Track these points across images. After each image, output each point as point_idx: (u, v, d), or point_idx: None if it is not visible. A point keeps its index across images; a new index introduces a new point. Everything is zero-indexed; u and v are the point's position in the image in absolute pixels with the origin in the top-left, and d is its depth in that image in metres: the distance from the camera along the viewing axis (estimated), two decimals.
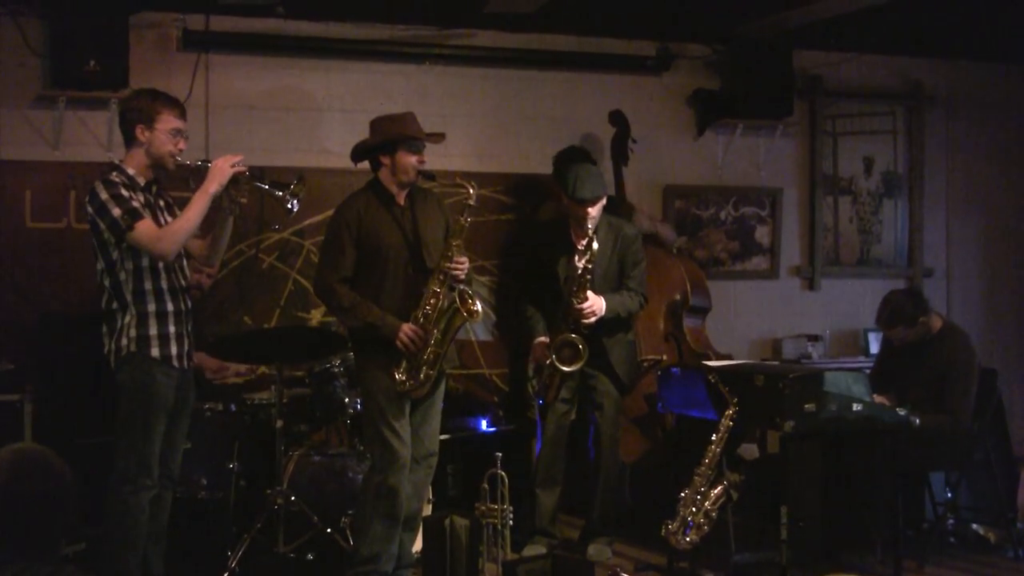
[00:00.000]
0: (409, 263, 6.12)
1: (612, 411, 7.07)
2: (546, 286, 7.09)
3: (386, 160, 6.15)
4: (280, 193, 5.74)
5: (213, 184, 5.59)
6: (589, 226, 6.80)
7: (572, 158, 8.00)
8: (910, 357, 7.26)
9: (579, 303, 6.78)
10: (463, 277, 6.15)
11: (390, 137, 6.15)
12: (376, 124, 6.27)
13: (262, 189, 5.84)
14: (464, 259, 6.15)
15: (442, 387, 6.35)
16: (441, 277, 6.08)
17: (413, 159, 6.14)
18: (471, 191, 6.21)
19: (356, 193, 6.26)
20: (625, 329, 7.15)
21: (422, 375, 6.04)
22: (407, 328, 5.99)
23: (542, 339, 7.04)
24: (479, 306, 6.13)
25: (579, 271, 6.78)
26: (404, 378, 6.01)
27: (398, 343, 5.97)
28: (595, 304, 6.83)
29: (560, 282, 6.98)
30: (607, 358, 7.04)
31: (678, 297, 8.02)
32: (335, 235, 6.12)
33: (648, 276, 7.52)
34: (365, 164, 6.29)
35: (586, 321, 6.83)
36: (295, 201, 5.73)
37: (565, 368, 6.88)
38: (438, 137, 6.29)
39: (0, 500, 3.13)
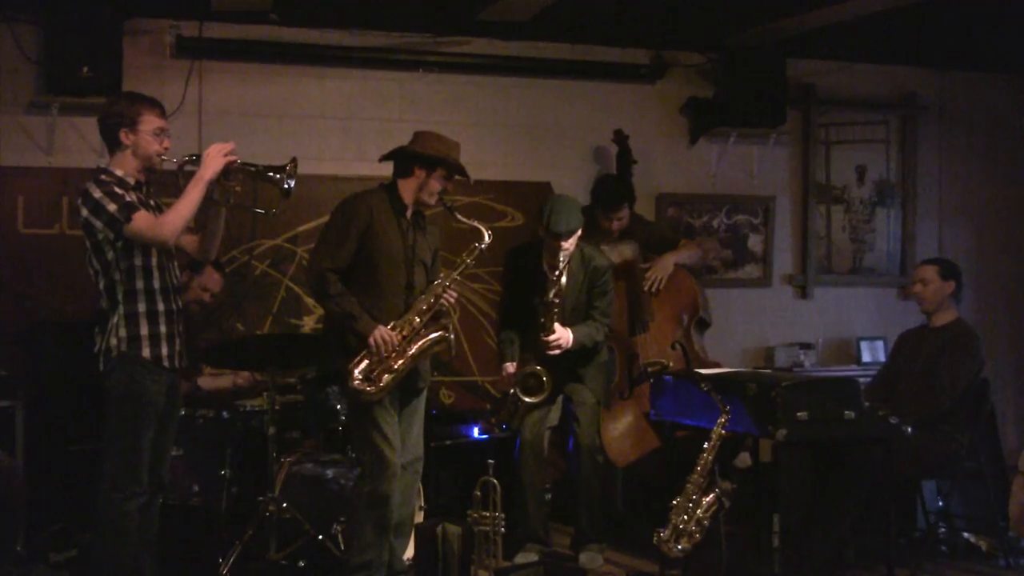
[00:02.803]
0: (402, 277, 6.12)
1: (588, 421, 7.07)
2: (521, 309, 7.08)
3: (420, 173, 6.12)
4: (277, 175, 5.73)
5: (208, 171, 5.57)
6: (561, 258, 6.81)
7: (605, 182, 8.18)
8: (916, 353, 7.30)
9: (546, 335, 6.81)
10: (447, 308, 6.21)
11: (441, 156, 6.13)
12: (425, 137, 6.24)
13: (256, 174, 5.82)
14: (456, 294, 6.21)
15: (425, 391, 6.38)
16: (432, 300, 6.11)
17: (441, 186, 6.15)
18: (486, 237, 6.26)
19: (369, 192, 6.20)
20: (596, 351, 7.17)
21: (382, 382, 6.02)
22: (384, 330, 5.97)
23: (508, 365, 7.05)
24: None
25: (547, 303, 6.81)
26: (360, 379, 6.00)
27: (371, 340, 5.94)
28: (562, 337, 6.84)
29: (533, 306, 6.99)
30: (581, 377, 7.08)
31: (690, 308, 8.02)
32: (342, 224, 6.06)
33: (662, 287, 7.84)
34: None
35: (551, 352, 6.86)
36: (291, 181, 5.71)
37: (527, 399, 6.90)
38: (469, 178, 6.32)
39: None
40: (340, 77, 8.46)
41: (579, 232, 6.92)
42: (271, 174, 5.75)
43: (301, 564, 6.58)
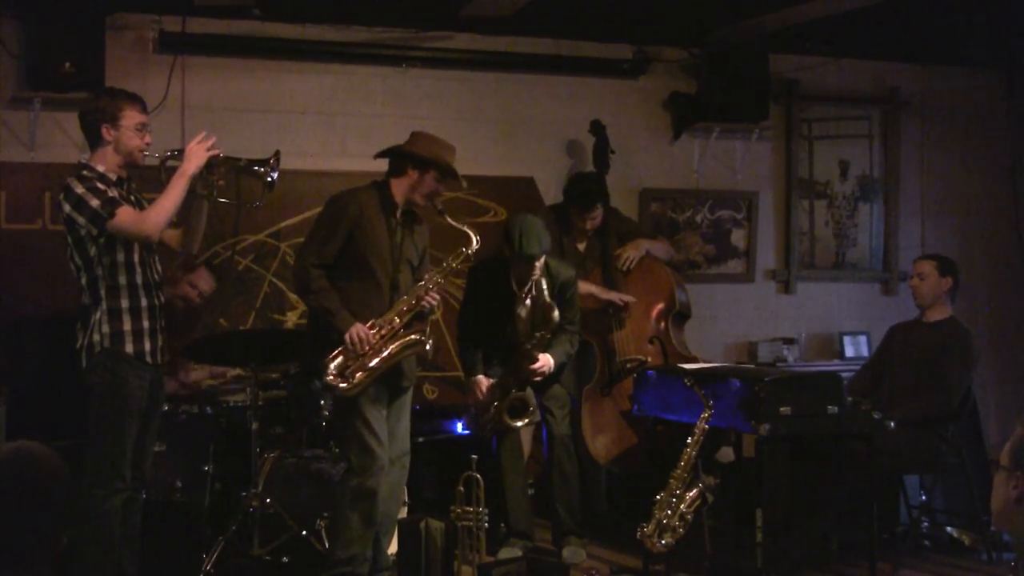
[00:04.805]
0: (388, 276, 6.12)
1: (561, 414, 7.13)
2: (485, 325, 7.07)
3: (413, 174, 6.14)
4: (260, 168, 5.75)
5: (191, 165, 5.58)
6: (533, 277, 6.83)
7: (578, 181, 8.13)
8: (908, 346, 7.32)
9: (530, 364, 6.86)
10: (428, 310, 6.27)
11: (436, 158, 6.15)
12: (421, 138, 6.27)
13: (240, 167, 5.83)
14: (438, 296, 6.25)
15: (411, 389, 6.41)
16: (413, 301, 6.13)
17: (434, 186, 6.18)
18: (474, 242, 6.30)
19: (360, 188, 6.22)
20: None
21: (355, 379, 6.01)
22: (361, 328, 5.98)
23: (481, 379, 7.05)
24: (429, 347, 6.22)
25: (539, 335, 6.90)
26: (335, 374, 6.00)
27: (347, 337, 5.95)
28: (545, 364, 6.92)
29: (501, 323, 7.01)
30: (554, 373, 7.12)
31: (666, 302, 8.01)
32: (331, 220, 6.08)
33: (637, 279, 7.85)
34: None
35: (536, 379, 6.95)
36: (274, 174, 5.73)
37: (516, 423, 6.92)
38: (461, 182, 6.33)
39: None
40: (323, 72, 8.45)
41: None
42: (255, 167, 5.77)
43: (285, 560, 6.58)
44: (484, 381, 7.03)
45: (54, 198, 7.11)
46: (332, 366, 5.99)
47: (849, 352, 9.45)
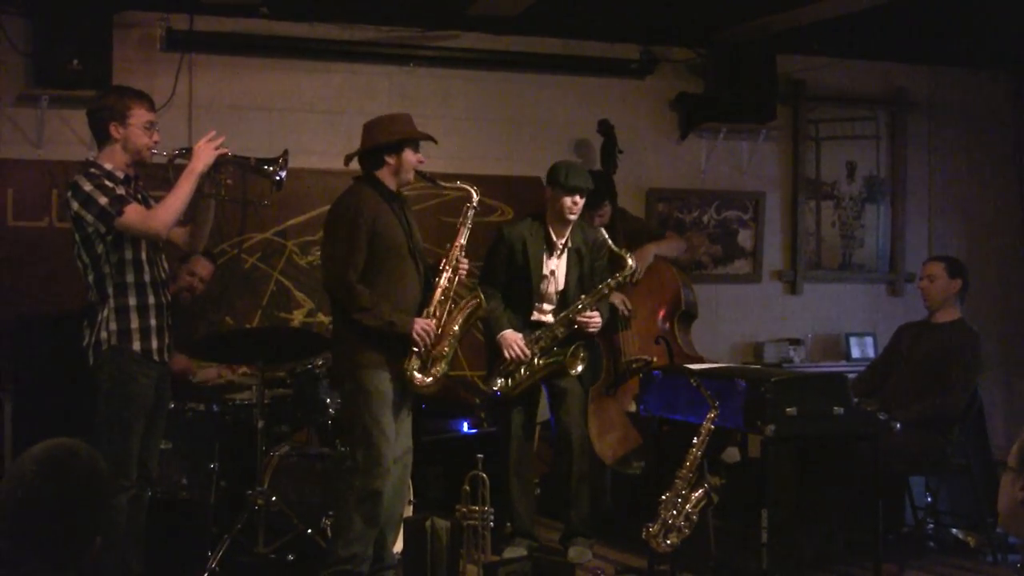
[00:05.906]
0: (411, 267, 6.13)
1: (576, 409, 7.07)
2: (515, 280, 7.05)
3: (391, 159, 6.14)
4: (269, 167, 5.75)
5: (199, 163, 5.57)
6: (572, 217, 6.87)
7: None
8: (916, 347, 7.32)
9: (591, 316, 6.90)
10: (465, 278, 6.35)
11: (403, 136, 6.17)
12: (377, 126, 6.24)
13: (248, 166, 5.83)
14: (467, 263, 6.30)
15: None
16: (451, 275, 6.19)
17: (414, 158, 6.17)
18: (474, 194, 6.35)
19: (357, 189, 6.18)
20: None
21: (437, 371, 6.10)
22: (422, 322, 6.02)
23: (509, 332, 6.98)
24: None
25: (603, 287, 6.95)
26: (419, 375, 6.05)
27: (414, 336, 5.98)
28: (597, 317, 6.95)
29: (532, 278, 6.99)
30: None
31: (673, 302, 8.00)
32: (352, 229, 6.01)
33: (643, 280, 7.90)
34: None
35: (592, 331, 6.96)
36: (282, 173, 5.73)
37: (576, 370, 6.90)
38: (435, 140, 6.34)
39: (26, 504, 2.92)
40: (330, 71, 8.46)
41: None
42: (263, 166, 5.77)
43: (290, 558, 6.57)
44: (519, 336, 6.98)
45: (61, 196, 7.15)
46: (413, 365, 6.05)
47: (855, 353, 9.45)
